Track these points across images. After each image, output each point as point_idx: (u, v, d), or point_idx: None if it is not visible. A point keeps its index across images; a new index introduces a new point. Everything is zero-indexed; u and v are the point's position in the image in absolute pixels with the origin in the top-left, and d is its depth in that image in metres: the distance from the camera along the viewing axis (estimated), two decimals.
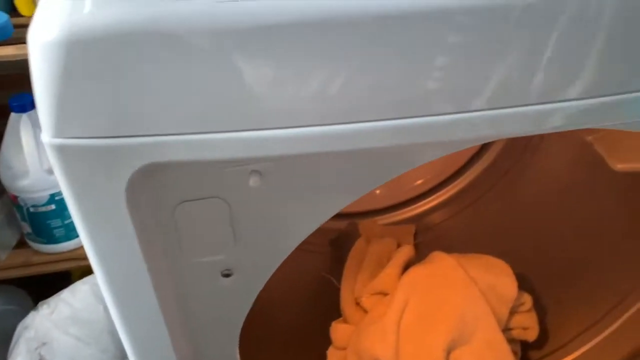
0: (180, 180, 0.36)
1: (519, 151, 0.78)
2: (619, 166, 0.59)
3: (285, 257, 0.40)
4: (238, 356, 0.47)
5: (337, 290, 0.72)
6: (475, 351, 0.59)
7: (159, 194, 0.36)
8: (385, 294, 0.67)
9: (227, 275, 0.41)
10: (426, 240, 0.83)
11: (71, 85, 0.30)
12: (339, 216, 0.87)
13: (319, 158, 0.35)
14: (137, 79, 0.30)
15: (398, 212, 0.88)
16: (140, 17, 0.29)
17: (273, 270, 0.41)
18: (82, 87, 0.30)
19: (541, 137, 0.75)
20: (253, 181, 0.35)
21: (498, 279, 0.63)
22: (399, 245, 0.75)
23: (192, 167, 0.35)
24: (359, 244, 0.77)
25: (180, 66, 0.30)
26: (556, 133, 0.40)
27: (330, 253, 0.82)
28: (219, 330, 0.44)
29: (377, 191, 0.89)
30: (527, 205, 0.76)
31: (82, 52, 0.29)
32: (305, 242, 0.82)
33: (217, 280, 0.41)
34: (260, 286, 0.41)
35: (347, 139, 0.32)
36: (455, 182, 0.84)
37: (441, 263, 0.65)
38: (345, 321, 0.69)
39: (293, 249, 0.40)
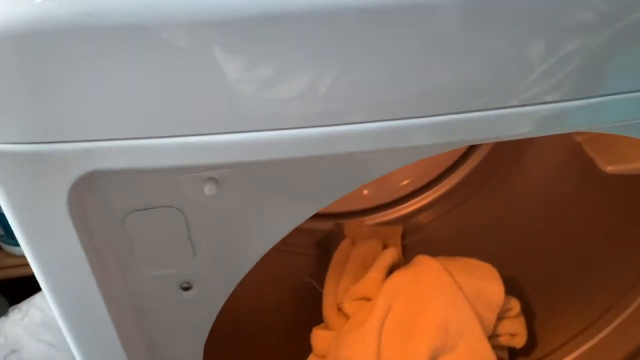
0: (130, 188, 0.33)
1: (508, 151, 0.76)
2: (609, 168, 0.57)
3: (249, 268, 0.38)
4: None
5: (321, 295, 0.70)
6: None
7: (106, 203, 0.33)
8: (369, 299, 0.65)
9: (186, 289, 0.38)
10: (414, 241, 0.82)
11: None
12: (325, 216, 0.85)
13: (277, 164, 0.32)
14: (71, 79, 0.27)
15: (386, 212, 0.87)
16: (72, 11, 0.26)
17: (236, 282, 0.38)
18: (11, 88, 0.28)
19: (531, 138, 0.72)
20: (208, 189, 0.33)
21: (484, 283, 0.61)
22: (385, 247, 0.73)
23: (141, 174, 0.32)
24: (343, 245, 0.75)
25: (118, 65, 0.27)
26: None
27: (316, 254, 0.80)
28: (181, 345, 0.41)
29: (365, 191, 0.88)
30: (515, 207, 0.74)
31: (9, 49, 0.27)
32: (290, 244, 0.79)
33: (176, 293, 0.38)
34: (223, 299, 0.39)
35: (305, 145, 0.30)
36: (444, 183, 0.83)
37: (426, 267, 0.63)
38: (327, 327, 0.67)
39: (257, 260, 0.38)
